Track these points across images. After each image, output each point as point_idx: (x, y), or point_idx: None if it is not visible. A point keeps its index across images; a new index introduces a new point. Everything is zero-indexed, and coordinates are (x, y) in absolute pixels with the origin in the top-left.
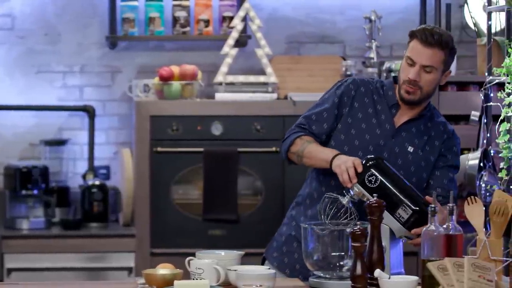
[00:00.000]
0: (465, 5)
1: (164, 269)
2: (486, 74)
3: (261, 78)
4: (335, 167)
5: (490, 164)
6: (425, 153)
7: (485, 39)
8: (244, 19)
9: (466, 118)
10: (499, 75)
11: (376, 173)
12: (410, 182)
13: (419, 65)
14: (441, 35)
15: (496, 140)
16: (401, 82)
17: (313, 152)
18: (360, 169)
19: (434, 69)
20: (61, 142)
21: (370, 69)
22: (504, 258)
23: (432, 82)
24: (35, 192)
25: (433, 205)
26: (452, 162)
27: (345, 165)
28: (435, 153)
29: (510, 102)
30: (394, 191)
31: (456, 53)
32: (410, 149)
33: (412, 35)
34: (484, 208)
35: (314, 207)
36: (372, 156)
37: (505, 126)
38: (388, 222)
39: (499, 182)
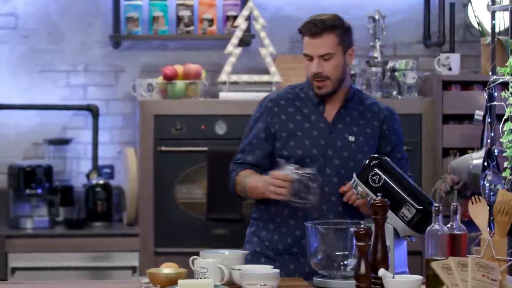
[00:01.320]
0: (469, 4)
1: (168, 269)
2: (490, 73)
3: (265, 77)
4: (262, 194)
5: (494, 163)
6: (366, 137)
7: (489, 39)
8: (248, 18)
9: (470, 117)
10: (503, 75)
11: (380, 173)
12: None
13: (316, 58)
14: (324, 21)
15: (500, 140)
16: (310, 79)
17: (250, 187)
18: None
19: (332, 54)
20: (65, 141)
21: (374, 69)
22: (508, 258)
23: (337, 67)
24: (39, 191)
25: (437, 204)
26: (396, 141)
27: (267, 188)
28: (376, 135)
29: None
30: (398, 190)
31: (351, 28)
32: (351, 138)
33: (300, 32)
34: (488, 208)
35: (275, 220)
36: (376, 155)
37: (509, 125)
38: (392, 221)
39: (503, 181)
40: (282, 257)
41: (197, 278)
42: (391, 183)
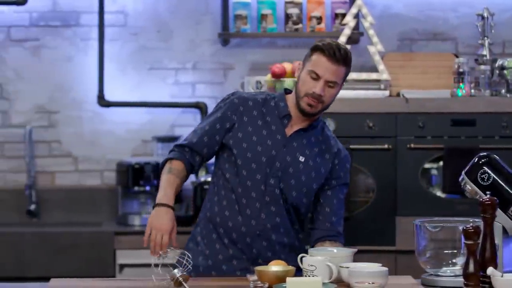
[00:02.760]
0: None
1: (276, 266)
2: None
3: (374, 75)
4: (149, 221)
5: None
6: (316, 164)
7: None
8: (357, 16)
9: None
10: None
11: (489, 171)
12: (299, 189)
13: (324, 80)
14: (346, 52)
15: None
16: (302, 94)
17: (160, 185)
18: (166, 239)
19: (337, 84)
20: (173, 139)
21: (482, 67)
22: None
23: (333, 96)
24: (147, 188)
25: None
26: (344, 180)
27: (155, 232)
28: (327, 166)
29: None
30: (507, 188)
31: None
32: (302, 158)
33: (317, 48)
34: None
35: (201, 243)
36: (485, 153)
37: None
38: (501, 219)
39: None
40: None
41: (306, 276)
42: (500, 181)
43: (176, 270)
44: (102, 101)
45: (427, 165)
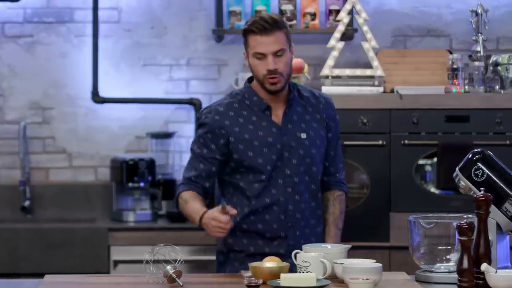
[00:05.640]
0: None
1: (270, 262)
2: None
3: (368, 72)
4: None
5: None
6: (315, 130)
7: None
8: (351, 12)
9: None
10: None
11: (483, 167)
12: (315, 162)
13: (269, 54)
14: (272, 17)
15: None
16: (261, 78)
17: (188, 214)
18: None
19: (284, 50)
20: (167, 135)
21: (476, 63)
22: None
23: (288, 64)
24: (142, 184)
25: None
26: (335, 127)
27: (209, 229)
28: (323, 126)
29: None
30: (501, 184)
31: None
32: (303, 135)
33: (246, 31)
34: None
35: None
36: (479, 150)
37: None
38: (495, 216)
39: None
40: None
41: (300, 272)
42: (494, 177)
43: (169, 267)
44: (96, 98)
45: (421, 161)
